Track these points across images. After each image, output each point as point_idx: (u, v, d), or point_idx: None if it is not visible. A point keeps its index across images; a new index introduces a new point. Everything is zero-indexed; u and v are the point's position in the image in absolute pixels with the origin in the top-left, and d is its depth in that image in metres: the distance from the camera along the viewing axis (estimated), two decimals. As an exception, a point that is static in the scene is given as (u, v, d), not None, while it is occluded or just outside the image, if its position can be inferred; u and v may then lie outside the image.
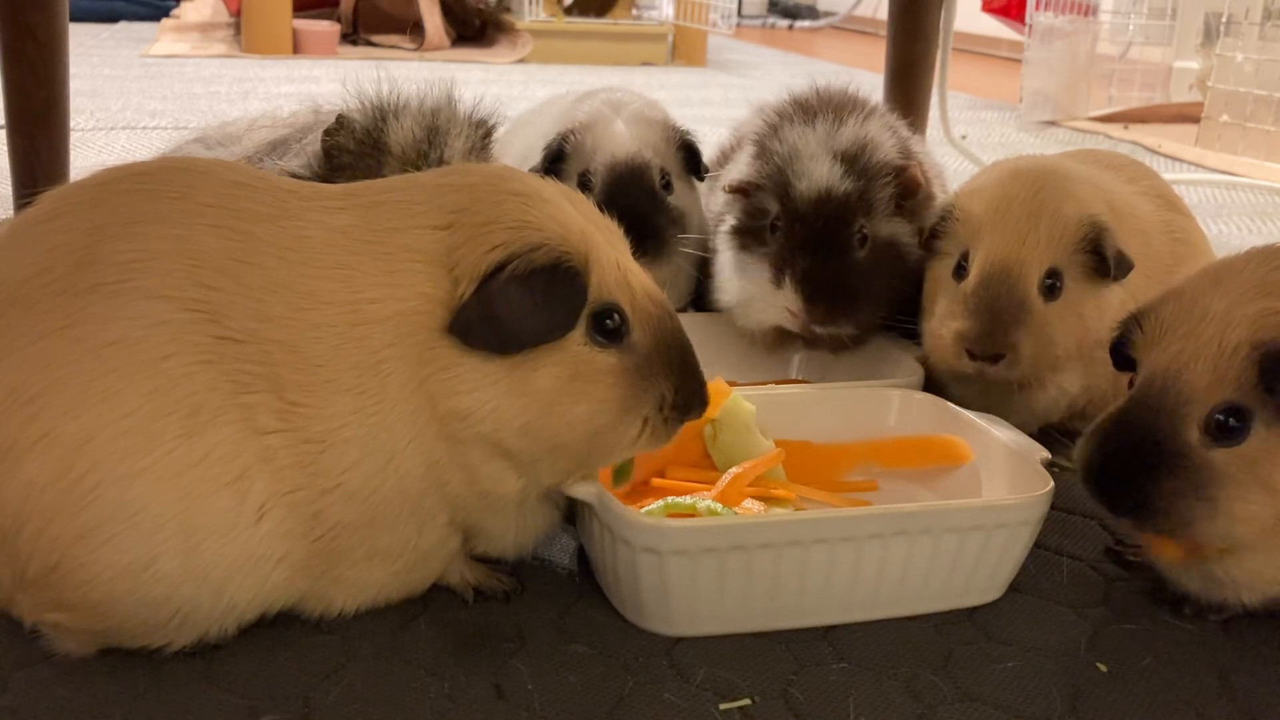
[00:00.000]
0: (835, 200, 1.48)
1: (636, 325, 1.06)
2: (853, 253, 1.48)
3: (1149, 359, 1.11)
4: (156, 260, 0.98)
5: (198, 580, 0.98)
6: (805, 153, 1.51)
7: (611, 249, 1.08)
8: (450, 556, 1.14)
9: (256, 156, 1.61)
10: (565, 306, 1.02)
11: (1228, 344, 1.05)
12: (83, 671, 1.03)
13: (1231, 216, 3.03)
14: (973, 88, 5.17)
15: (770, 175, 1.52)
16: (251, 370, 0.98)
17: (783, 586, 1.11)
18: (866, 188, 1.49)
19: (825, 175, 1.48)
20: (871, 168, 1.50)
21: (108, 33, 5.71)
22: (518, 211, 1.03)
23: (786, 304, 1.48)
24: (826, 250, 1.47)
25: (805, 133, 1.53)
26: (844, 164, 1.49)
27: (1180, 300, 1.11)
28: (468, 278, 1.00)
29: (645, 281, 1.10)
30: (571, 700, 1.02)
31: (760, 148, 1.57)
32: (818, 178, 1.49)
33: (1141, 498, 1.07)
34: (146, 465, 0.95)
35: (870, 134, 1.53)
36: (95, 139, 3.19)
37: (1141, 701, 1.05)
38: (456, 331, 1.00)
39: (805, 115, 1.56)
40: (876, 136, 1.53)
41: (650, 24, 6.07)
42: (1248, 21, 3.72)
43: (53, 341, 0.95)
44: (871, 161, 1.50)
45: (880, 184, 1.50)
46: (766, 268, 1.50)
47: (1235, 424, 1.05)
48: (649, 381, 1.07)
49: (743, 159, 1.63)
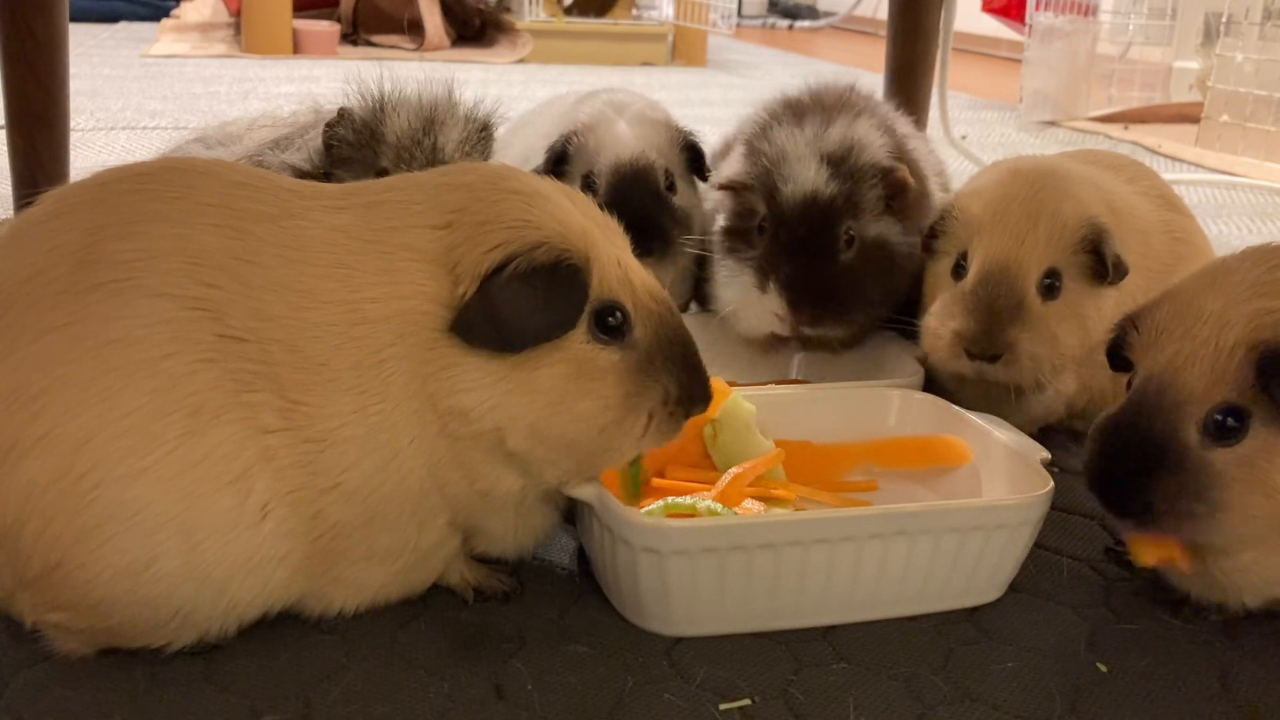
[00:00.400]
0: (820, 203, 1.48)
1: (638, 322, 1.06)
2: (839, 255, 1.49)
3: (1146, 360, 1.11)
4: (157, 259, 0.98)
5: (199, 580, 0.98)
6: (792, 155, 1.51)
7: (612, 246, 1.08)
8: (450, 556, 1.14)
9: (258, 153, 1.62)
10: (567, 304, 1.02)
11: (1225, 344, 1.05)
12: (83, 671, 1.03)
13: (1231, 216, 3.03)
14: (973, 88, 5.17)
15: (758, 176, 1.53)
16: (253, 369, 0.98)
17: (783, 586, 1.11)
18: (853, 190, 1.49)
19: (811, 178, 1.49)
20: (858, 169, 1.50)
21: (108, 33, 5.72)
22: (517, 210, 1.03)
23: (773, 309, 1.49)
24: (812, 253, 1.48)
25: (793, 134, 1.53)
26: (830, 166, 1.49)
27: (1176, 301, 1.11)
28: (469, 277, 1.00)
29: (646, 278, 1.10)
30: (571, 700, 1.02)
31: (750, 148, 1.57)
32: (803, 180, 1.49)
33: (1141, 499, 1.06)
34: (148, 465, 0.95)
35: (858, 135, 1.52)
36: (95, 139, 3.19)
37: (1141, 701, 1.05)
38: (459, 330, 1.00)
39: (795, 116, 1.56)
40: (865, 137, 1.53)
41: (650, 24, 6.07)
42: (1248, 21, 3.72)
43: (54, 340, 0.95)
44: (858, 163, 1.50)
45: (868, 185, 1.51)
46: (753, 273, 1.51)
47: (1233, 424, 1.04)
48: (651, 378, 1.06)
49: (736, 156, 1.64)
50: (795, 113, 1.57)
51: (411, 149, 1.46)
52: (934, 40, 2.42)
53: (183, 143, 1.81)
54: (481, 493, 1.07)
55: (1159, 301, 1.13)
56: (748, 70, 5.76)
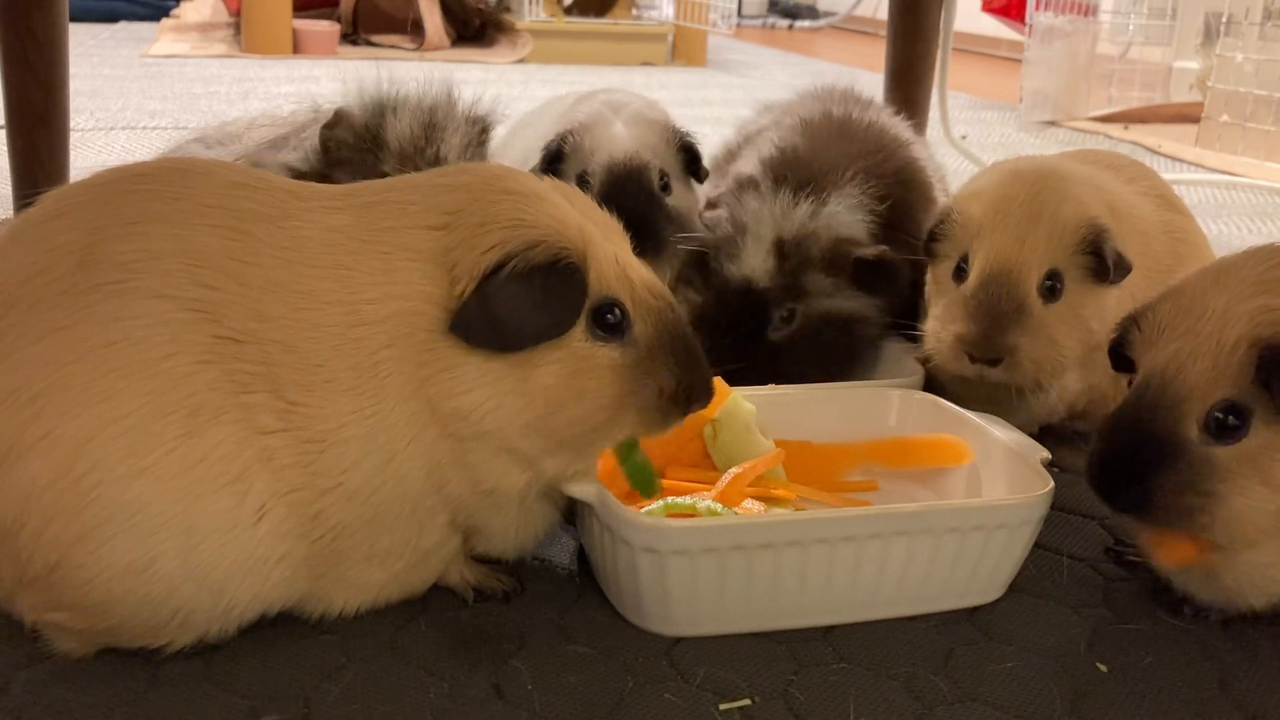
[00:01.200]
0: (756, 291, 1.51)
1: (638, 319, 1.06)
2: (769, 334, 1.52)
3: (1148, 358, 1.11)
4: (157, 260, 0.98)
5: (198, 580, 0.98)
6: (750, 231, 1.53)
7: (609, 244, 1.08)
8: (450, 556, 1.14)
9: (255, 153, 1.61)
10: (565, 303, 1.02)
11: (1226, 341, 1.05)
12: (83, 671, 1.03)
13: (1231, 216, 3.03)
14: (973, 88, 5.17)
15: (718, 245, 1.56)
16: (251, 370, 0.98)
17: (783, 586, 1.11)
18: (797, 278, 1.51)
19: (754, 264, 1.51)
20: (812, 258, 1.51)
21: (108, 33, 5.71)
22: (513, 210, 1.03)
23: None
24: (744, 331, 1.52)
25: (759, 211, 1.54)
26: (777, 256, 1.51)
27: (1179, 299, 1.11)
28: (466, 277, 1.00)
29: (645, 274, 1.10)
30: (571, 700, 1.02)
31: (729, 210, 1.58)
32: (746, 265, 1.52)
33: (1142, 493, 1.07)
34: (147, 465, 0.95)
35: (821, 222, 1.52)
36: (95, 139, 3.19)
37: (1141, 701, 1.05)
38: (457, 331, 1.00)
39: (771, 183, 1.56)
40: (830, 222, 1.52)
41: (650, 24, 6.07)
42: (1248, 21, 3.72)
43: (54, 341, 0.95)
44: (811, 252, 1.51)
45: (820, 268, 1.51)
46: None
47: (1234, 422, 1.05)
48: (650, 375, 1.07)
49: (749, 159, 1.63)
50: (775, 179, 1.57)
51: (414, 155, 1.45)
52: (934, 40, 2.42)
53: (183, 142, 1.81)
54: (485, 491, 1.07)
55: (1161, 299, 1.13)
56: (748, 70, 5.75)
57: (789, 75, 5.52)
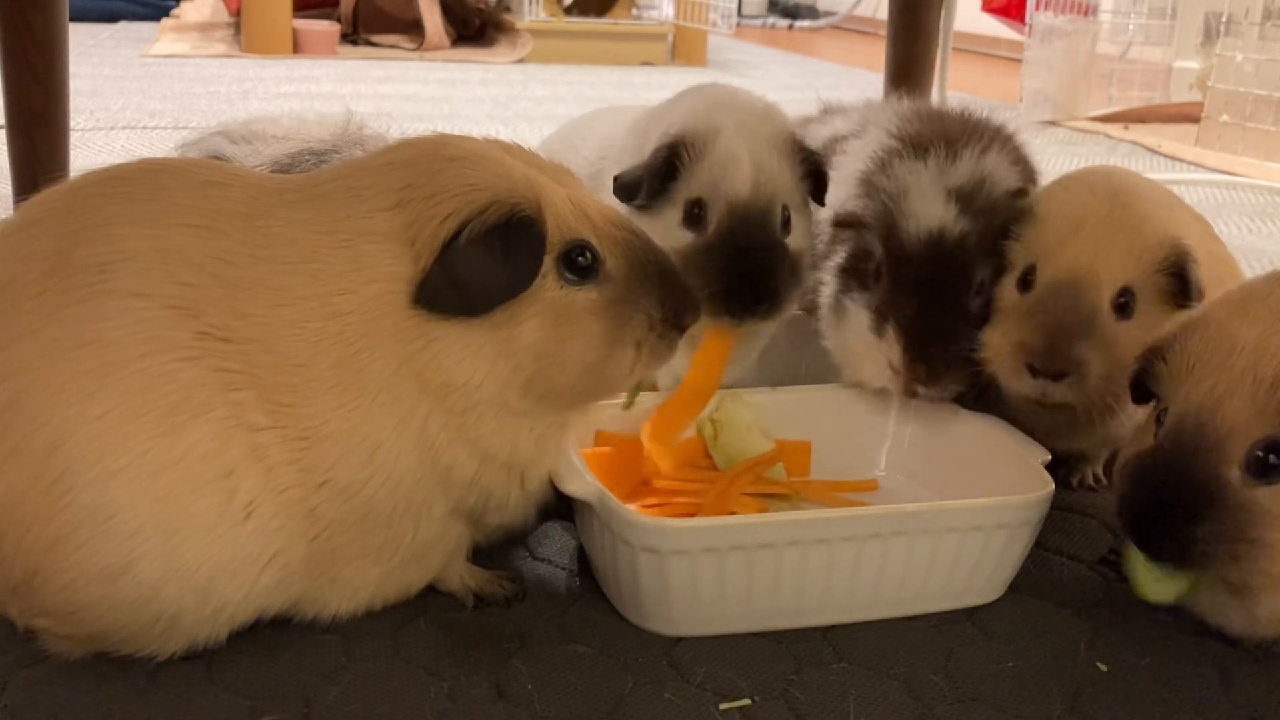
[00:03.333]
0: (948, 243, 1.31)
1: (607, 254, 1.06)
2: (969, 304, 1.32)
3: (1179, 394, 1.06)
4: (133, 260, 0.97)
5: (181, 581, 0.97)
6: (913, 188, 1.34)
7: (562, 187, 1.07)
8: (449, 550, 1.13)
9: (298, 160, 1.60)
10: (527, 256, 1.01)
11: (1264, 376, 1.01)
12: (82, 671, 1.02)
13: (1231, 216, 3.03)
14: (972, 88, 5.17)
15: (876, 214, 1.36)
16: (235, 367, 0.97)
17: (783, 586, 1.11)
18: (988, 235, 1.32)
19: (936, 212, 1.32)
20: (995, 205, 1.34)
21: (108, 33, 5.71)
22: (460, 176, 1.02)
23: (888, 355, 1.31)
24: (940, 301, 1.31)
25: (915, 167, 1.36)
26: (958, 204, 1.32)
27: (1206, 330, 1.06)
28: (427, 250, 1.00)
29: (604, 209, 1.09)
30: (571, 700, 1.02)
31: (867, 184, 1.40)
32: (926, 216, 1.32)
33: (1183, 542, 1.02)
34: (121, 466, 0.94)
35: (987, 172, 1.36)
36: (95, 139, 3.19)
37: (1141, 701, 1.05)
38: (423, 303, 0.99)
39: (913, 149, 1.39)
40: (995, 174, 1.36)
41: (650, 24, 6.06)
42: (1248, 21, 3.72)
43: (26, 345, 0.95)
44: (990, 202, 1.33)
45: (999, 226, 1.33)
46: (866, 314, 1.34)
47: (1276, 460, 1.00)
48: (633, 306, 1.06)
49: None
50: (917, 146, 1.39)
51: None
52: (934, 40, 2.42)
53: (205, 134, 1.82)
54: (504, 465, 1.06)
55: (1186, 331, 1.08)
56: (748, 70, 5.75)
57: (789, 75, 5.52)
